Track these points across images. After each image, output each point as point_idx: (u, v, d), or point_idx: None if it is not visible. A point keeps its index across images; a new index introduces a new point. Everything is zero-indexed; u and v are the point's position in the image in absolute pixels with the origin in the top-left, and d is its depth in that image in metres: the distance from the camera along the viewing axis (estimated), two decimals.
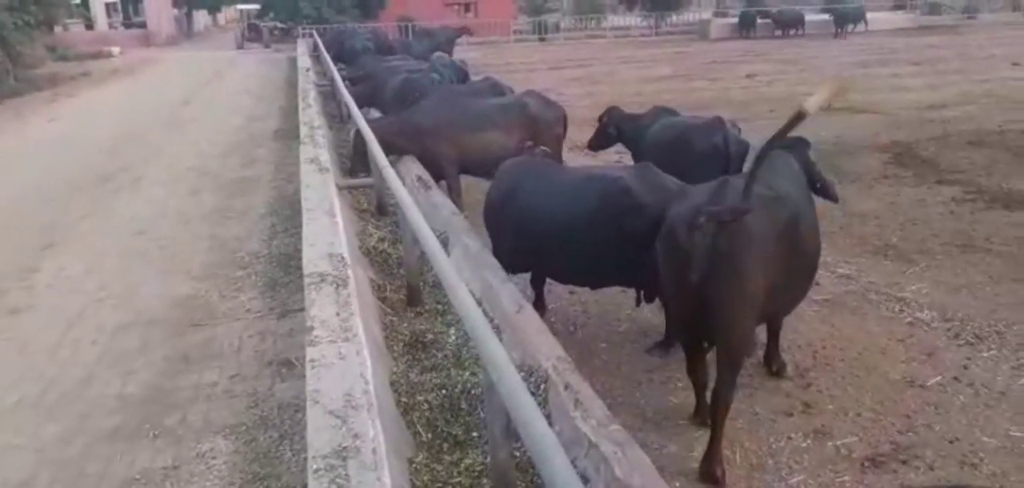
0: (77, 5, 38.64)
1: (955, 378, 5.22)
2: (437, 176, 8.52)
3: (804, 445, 4.55)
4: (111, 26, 47.63)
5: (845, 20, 40.54)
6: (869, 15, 43.75)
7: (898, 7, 52.42)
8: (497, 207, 5.97)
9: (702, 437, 4.62)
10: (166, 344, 5.96)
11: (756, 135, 6.14)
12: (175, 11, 54.38)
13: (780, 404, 4.98)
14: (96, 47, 37.53)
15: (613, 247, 5.31)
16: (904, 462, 4.37)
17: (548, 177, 5.84)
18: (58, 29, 33.97)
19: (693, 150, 6.73)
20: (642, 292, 5.65)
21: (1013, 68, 22.43)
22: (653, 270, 5.38)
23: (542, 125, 8.51)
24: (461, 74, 13.92)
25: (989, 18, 48.20)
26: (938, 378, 5.22)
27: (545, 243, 5.57)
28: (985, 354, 5.53)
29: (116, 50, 37.68)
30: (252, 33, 43.61)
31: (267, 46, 40.42)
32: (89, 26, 45.48)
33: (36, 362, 5.74)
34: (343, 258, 5.18)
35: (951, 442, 4.53)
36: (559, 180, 5.80)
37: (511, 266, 5.65)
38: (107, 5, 48.08)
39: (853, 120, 14.85)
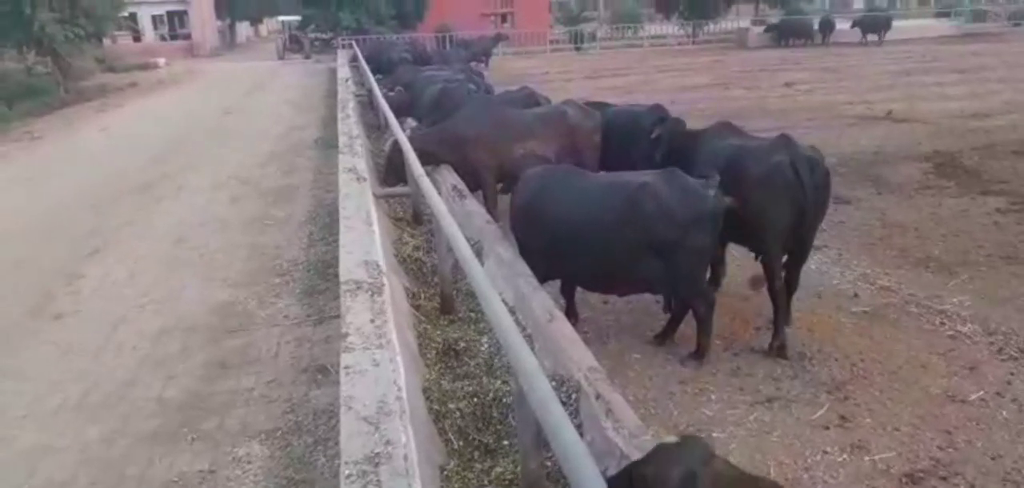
0: (125, 18, 39.55)
1: (998, 393, 5.11)
2: (474, 185, 8.54)
3: (840, 460, 4.49)
4: (161, 38, 48.73)
5: (874, 27, 39.89)
6: (913, 23, 43.05)
7: (942, 14, 51.52)
8: (523, 214, 5.98)
9: (737, 448, 4.59)
10: (205, 349, 6.08)
11: None
12: (219, 23, 55.52)
13: (816, 417, 4.91)
14: (143, 58, 38.45)
15: (641, 252, 5.31)
16: (944, 479, 4.28)
17: (574, 183, 5.84)
18: (107, 41, 34.82)
19: (645, 133, 7.37)
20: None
21: None
22: (679, 275, 5.40)
23: (581, 134, 8.48)
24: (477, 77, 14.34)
25: None
26: (980, 393, 5.11)
27: (572, 249, 5.57)
28: None
29: (162, 61, 38.54)
30: (293, 44, 44.30)
31: (308, 57, 41.00)
32: (136, 38, 46.58)
33: (79, 365, 5.89)
34: (379, 266, 5.24)
35: (993, 459, 4.44)
36: (586, 186, 5.80)
37: (539, 273, 5.66)
38: (154, 17, 49.21)
39: (894, 129, 14.63)
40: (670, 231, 5.23)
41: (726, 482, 2.41)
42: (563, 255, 5.68)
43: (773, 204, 5.61)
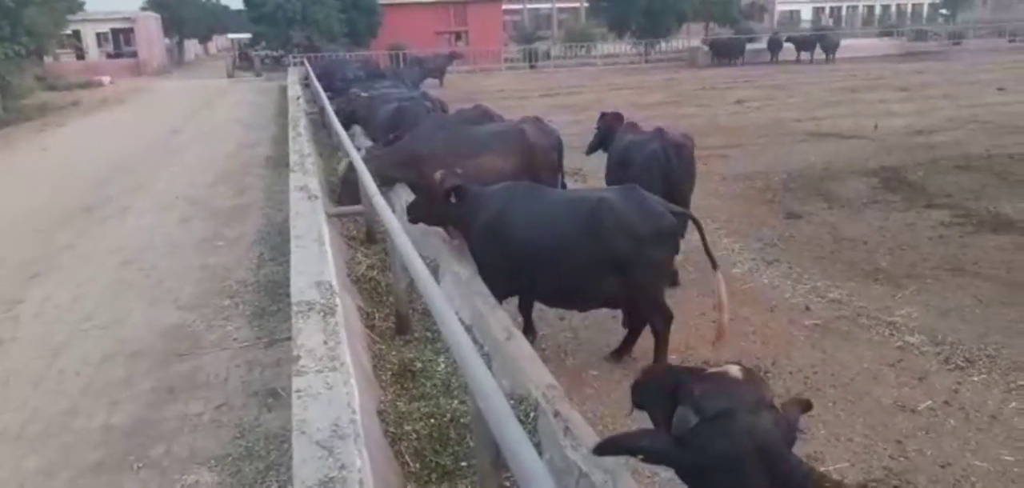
0: (68, 35, 38.63)
1: (946, 402, 5.21)
2: None
3: None
4: (108, 55, 47.60)
5: (807, 45, 41.86)
6: (858, 42, 44.62)
7: (885, 33, 53.22)
8: (486, 230, 5.92)
9: None
10: (152, 375, 5.90)
11: (750, 160, 6.24)
12: (166, 40, 54.59)
13: None
14: (86, 76, 37.52)
15: (600, 267, 5.31)
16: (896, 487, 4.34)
17: (535, 199, 5.82)
18: (48, 59, 33.93)
19: None
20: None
21: (999, 93, 22.67)
22: (638, 290, 5.41)
23: (539, 151, 8.48)
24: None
25: (975, 44, 48.78)
26: (929, 402, 5.21)
27: (534, 265, 5.54)
28: (975, 378, 5.53)
29: (106, 79, 37.68)
30: (243, 62, 43.77)
31: (258, 75, 40.53)
32: (80, 56, 45.46)
33: (19, 393, 5.66)
34: (331, 286, 5.13)
35: (943, 467, 4.51)
36: (546, 201, 5.78)
37: (499, 290, 5.62)
38: (98, 35, 48.08)
39: (842, 145, 14.97)
40: (629, 246, 5.24)
41: (764, 440, 2.21)
42: (524, 271, 5.64)
43: (649, 179, 6.69)
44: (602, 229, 5.27)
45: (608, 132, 8.65)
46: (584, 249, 5.31)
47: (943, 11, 74.63)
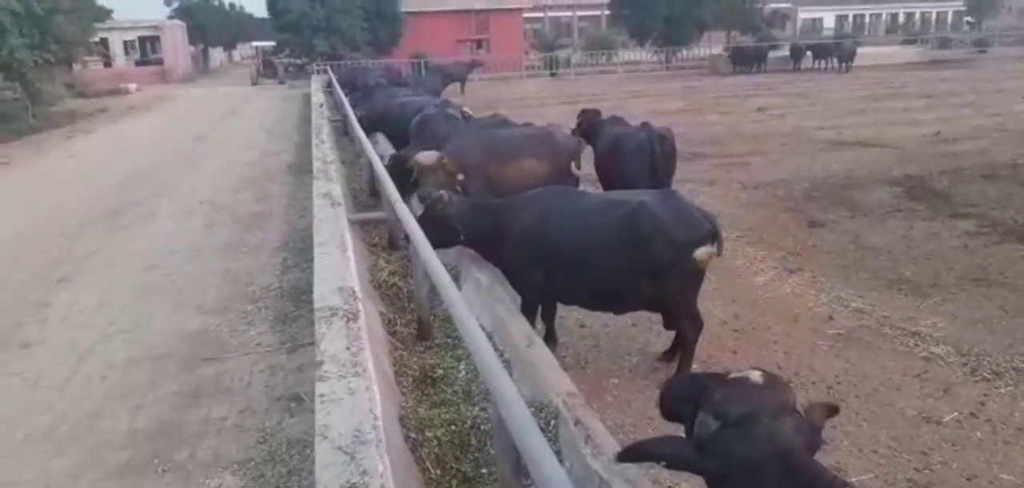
0: (96, 43, 39.22)
1: (972, 414, 5.14)
2: None
3: None
4: (136, 63, 48.34)
5: (825, 53, 41.56)
6: (881, 50, 44.20)
7: (908, 41, 52.78)
8: (523, 235, 5.78)
9: None
10: (176, 379, 5.97)
11: (772, 168, 6.20)
12: (191, 48, 55.28)
13: None
14: (114, 84, 38.11)
15: (635, 272, 5.27)
16: None
17: (573, 203, 5.80)
18: (77, 66, 34.45)
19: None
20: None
21: None
22: (670, 297, 5.39)
23: (567, 155, 8.48)
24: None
25: (1000, 51, 48.18)
26: (955, 414, 5.14)
27: (570, 268, 5.50)
28: (1002, 390, 5.45)
29: (133, 87, 38.23)
30: (267, 70, 44.21)
31: (282, 82, 40.91)
32: (107, 63, 46.15)
33: (46, 396, 5.76)
34: (354, 292, 5.18)
35: (969, 479, 4.45)
36: (584, 205, 5.76)
37: (534, 296, 5.65)
38: (125, 43, 48.82)
39: (865, 153, 14.83)
40: (665, 251, 5.20)
41: (786, 445, 2.20)
42: (562, 275, 5.60)
43: (637, 164, 8.06)
44: (640, 233, 5.23)
45: (590, 127, 9.55)
46: (621, 253, 5.27)
47: (968, 18, 73.80)
